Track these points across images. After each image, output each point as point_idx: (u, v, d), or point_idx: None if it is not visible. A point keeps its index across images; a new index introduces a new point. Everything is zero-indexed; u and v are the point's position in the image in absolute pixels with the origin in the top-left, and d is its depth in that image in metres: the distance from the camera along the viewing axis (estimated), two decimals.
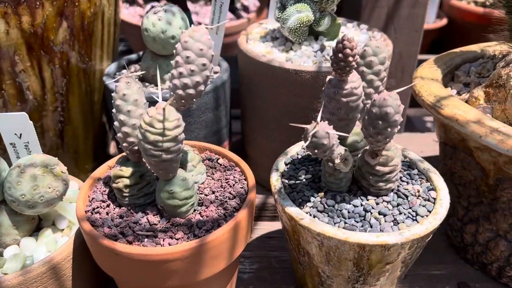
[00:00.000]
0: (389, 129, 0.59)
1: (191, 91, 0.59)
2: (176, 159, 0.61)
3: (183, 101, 0.60)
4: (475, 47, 0.96)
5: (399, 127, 0.61)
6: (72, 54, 0.90)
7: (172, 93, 0.59)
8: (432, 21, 2.04)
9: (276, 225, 1.01)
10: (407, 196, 0.69)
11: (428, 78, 0.83)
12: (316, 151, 0.60)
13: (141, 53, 1.07)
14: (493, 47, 0.96)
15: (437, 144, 0.90)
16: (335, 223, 0.64)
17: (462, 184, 0.81)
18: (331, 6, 0.95)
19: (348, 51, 0.58)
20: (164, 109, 0.57)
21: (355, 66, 0.60)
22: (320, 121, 0.59)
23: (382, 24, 1.22)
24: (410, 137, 1.36)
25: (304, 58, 0.93)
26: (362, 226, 0.64)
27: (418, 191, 0.70)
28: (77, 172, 1.06)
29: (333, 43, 0.98)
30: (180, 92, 0.59)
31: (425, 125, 1.45)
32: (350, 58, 0.59)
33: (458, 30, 2.08)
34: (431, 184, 0.72)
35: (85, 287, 0.76)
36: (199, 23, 1.75)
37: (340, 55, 0.59)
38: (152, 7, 0.92)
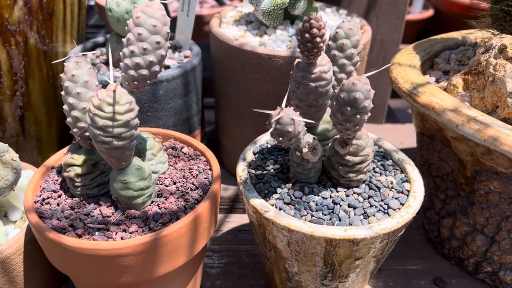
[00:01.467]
0: (358, 116, 0.55)
1: (144, 71, 0.54)
2: (129, 146, 0.56)
3: (135, 82, 0.55)
4: (456, 34, 0.93)
5: (369, 114, 0.57)
6: (30, 35, 0.84)
7: (123, 74, 0.55)
8: (418, 12, 2.00)
9: (247, 218, 0.97)
10: (379, 188, 0.65)
11: (406, 64, 0.79)
12: (280, 139, 0.56)
13: (108, 35, 1.01)
14: (475, 34, 0.93)
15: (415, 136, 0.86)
16: (301, 216, 0.60)
17: (439, 176, 0.78)
18: None
19: (315, 31, 0.54)
20: (114, 91, 0.52)
21: (323, 47, 0.56)
22: (286, 107, 0.54)
23: (363, 10, 1.17)
24: (391, 128, 1.32)
25: (279, 43, 0.88)
26: (330, 219, 0.60)
27: (392, 183, 0.66)
28: (41, 161, 1.00)
29: None
30: (132, 72, 0.54)
31: (406, 117, 1.42)
32: (318, 39, 0.55)
33: (445, 21, 2.05)
34: (405, 176, 0.68)
35: (39, 283, 0.72)
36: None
37: (307, 35, 0.54)
38: None
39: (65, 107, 0.59)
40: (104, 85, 0.60)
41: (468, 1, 1.97)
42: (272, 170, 0.67)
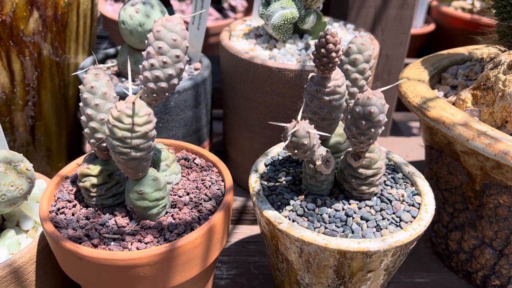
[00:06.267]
0: (372, 130, 0.56)
1: (163, 84, 0.55)
2: (146, 157, 0.57)
3: (154, 95, 0.56)
4: (463, 50, 0.94)
5: (383, 127, 0.58)
6: (44, 46, 0.86)
7: (142, 86, 0.56)
8: (420, 26, 2.03)
9: (256, 229, 0.97)
10: (390, 201, 0.66)
11: (415, 79, 0.81)
12: (296, 151, 0.57)
13: (119, 47, 1.03)
14: (481, 50, 0.94)
15: (423, 149, 0.88)
16: (315, 228, 0.61)
17: (447, 190, 0.79)
18: (317, 3, 0.92)
19: (331, 46, 0.55)
20: (133, 103, 0.53)
21: (338, 62, 0.57)
22: (301, 120, 0.55)
23: (369, 25, 1.19)
24: (396, 141, 1.33)
25: (288, 56, 0.90)
26: (343, 231, 0.60)
27: (403, 196, 0.67)
28: (49, 170, 1.01)
29: None
30: (151, 85, 0.55)
31: (411, 130, 1.43)
32: (333, 54, 0.56)
33: (446, 36, 2.08)
34: (416, 189, 0.69)
35: None
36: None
37: (322, 50, 0.56)
38: None
39: (83, 118, 0.60)
40: (122, 96, 0.61)
41: (469, 16, 2.00)
42: (284, 182, 0.68)
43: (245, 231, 0.97)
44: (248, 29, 1.03)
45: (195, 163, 0.74)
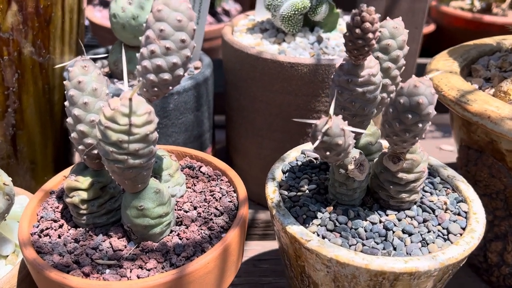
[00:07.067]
0: (420, 125, 0.47)
1: (166, 75, 0.45)
2: (146, 165, 0.47)
3: (155, 89, 0.46)
4: (489, 40, 0.86)
5: (430, 122, 0.48)
6: (24, 44, 0.76)
7: (141, 78, 0.46)
8: None
9: (267, 245, 0.87)
10: (433, 210, 0.56)
11: (446, 70, 0.72)
12: (327, 153, 0.47)
13: (110, 47, 0.93)
14: (509, 40, 0.86)
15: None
16: (350, 245, 0.51)
17: (487, 195, 0.69)
18: None
19: (367, 25, 0.46)
20: (130, 99, 0.43)
21: (375, 45, 0.48)
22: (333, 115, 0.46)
23: (380, 19, 1.10)
24: None
25: (300, 50, 0.80)
26: (383, 248, 0.51)
27: (445, 203, 0.57)
28: (34, 185, 0.90)
29: (331, 35, 0.86)
30: (151, 77, 0.45)
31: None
32: (370, 35, 0.46)
33: (446, 36, 2.02)
34: (459, 195, 0.59)
35: None
36: None
37: (357, 30, 0.46)
38: None
39: (69, 120, 0.50)
40: (117, 95, 0.51)
41: (471, 15, 1.94)
42: (307, 191, 0.58)
43: (255, 247, 0.87)
44: (251, 23, 0.94)
45: (201, 172, 0.64)
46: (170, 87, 0.47)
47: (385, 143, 0.65)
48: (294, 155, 0.66)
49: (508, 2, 1.87)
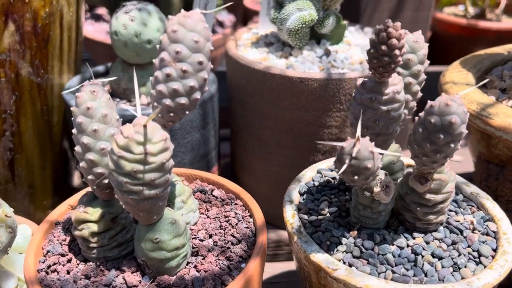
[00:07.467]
0: (452, 145, 0.44)
1: (183, 100, 0.42)
2: (162, 195, 0.44)
3: (171, 114, 0.43)
4: (500, 49, 0.84)
5: (461, 142, 0.46)
6: (22, 65, 0.72)
7: (155, 104, 0.43)
8: None
9: (277, 267, 0.84)
10: (461, 231, 0.53)
11: (462, 83, 0.70)
12: (355, 177, 0.44)
13: (109, 64, 0.90)
14: None
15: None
16: (379, 273, 0.48)
17: (510, 210, 0.67)
18: (336, 4, 0.81)
19: (394, 41, 0.44)
20: (145, 126, 0.40)
21: (401, 62, 0.46)
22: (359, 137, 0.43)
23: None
24: None
25: (308, 64, 0.78)
26: (414, 275, 0.48)
27: (472, 223, 0.55)
28: (33, 210, 0.87)
29: (338, 47, 0.84)
30: (167, 102, 0.42)
31: None
32: (397, 52, 0.44)
33: (442, 42, 2.01)
34: (485, 213, 0.57)
35: None
36: None
37: (383, 47, 0.44)
38: (123, 6, 0.75)
39: (77, 148, 0.46)
40: (127, 119, 0.48)
41: (466, 22, 1.94)
42: (328, 215, 0.55)
43: (265, 269, 0.83)
44: (255, 37, 0.91)
45: (213, 196, 0.61)
46: (187, 112, 0.44)
47: (406, 161, 0.62)
48: (310, 175, 0.63)
49: (501, 7, 1.88)
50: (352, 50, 0.84)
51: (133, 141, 0.40)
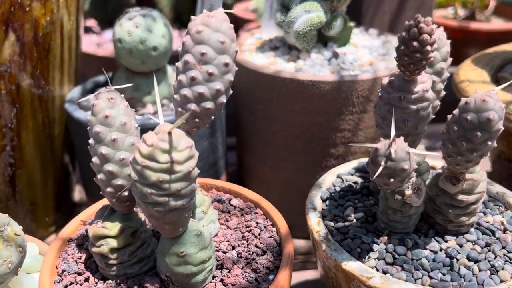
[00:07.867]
0: (489, 143, 0.43)
1: (209, 104, 0.40)
2: (188, 206, 0.41)
3: (196, 120, 0.41)
4: (508, 47, 0.83)
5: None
6: (23, 76, 0.69)
7: (180, 109, 0.40)
8: None
9: (295, 277, 0.81)
10: (493, 232, 0.52)
11: (477, 81, 0.68)
12: (391, 180, 0.42)
13: (111, 74, 0.87)
14: None
15: None
16: (415, 279, 0.46)
17: None
18: (343, 5, 0.79)
19: (425, 37, 0.42)
20: (169, 133, 0.38)
21: (433, 59, 0.44)
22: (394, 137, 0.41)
23: (385, 29, 1.08)
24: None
25: (318, 67, 0.76)
26: (451, 279, 0.46)
27: (502, 224, 0.53)
28: (35, 228, 0.83)
29: (345, 50, 0.82)
30: (192, 106, 0.40)
31: (433, 142, 1.31)
32: (429, 47, 0.42)
33: None
34: None
35: None
36: None
37: (415, 43, 0.42)
38: (126, 12, 0.73)
39: (94, 160, 0.44)
40: (145, 128, 0.45)
41: (457, 24, 1.95)
42: (355, 221, 0.53)
43: None
44: (259, 42, 0.89)
45: (232, 205, 0.58)
46: (212, 117, 0.41)
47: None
48: (330, 180, 0.61)
49: (491, 9, 1.89)
50: (359, 52, 0.82)
51: (158, 150, 0.38)
